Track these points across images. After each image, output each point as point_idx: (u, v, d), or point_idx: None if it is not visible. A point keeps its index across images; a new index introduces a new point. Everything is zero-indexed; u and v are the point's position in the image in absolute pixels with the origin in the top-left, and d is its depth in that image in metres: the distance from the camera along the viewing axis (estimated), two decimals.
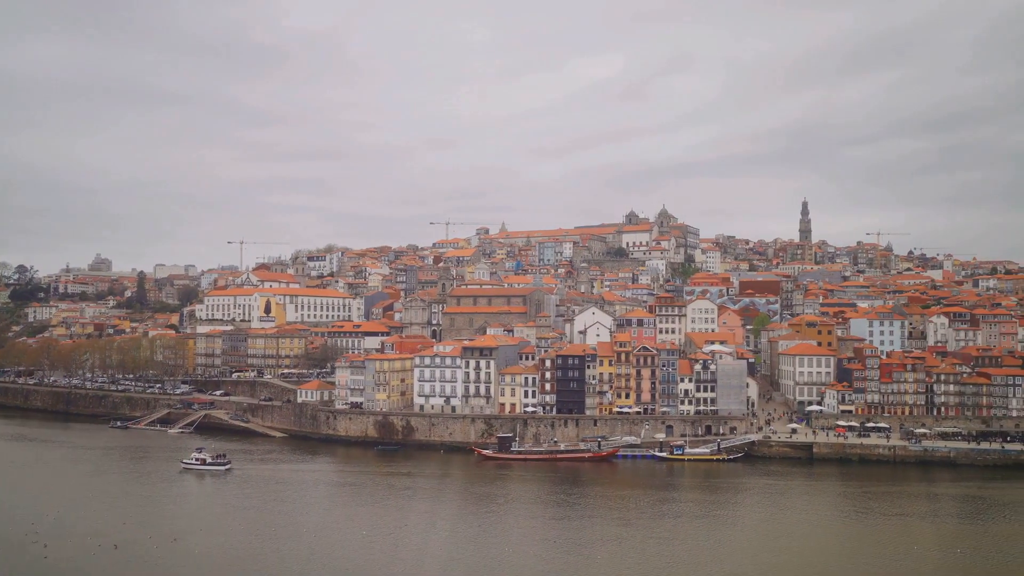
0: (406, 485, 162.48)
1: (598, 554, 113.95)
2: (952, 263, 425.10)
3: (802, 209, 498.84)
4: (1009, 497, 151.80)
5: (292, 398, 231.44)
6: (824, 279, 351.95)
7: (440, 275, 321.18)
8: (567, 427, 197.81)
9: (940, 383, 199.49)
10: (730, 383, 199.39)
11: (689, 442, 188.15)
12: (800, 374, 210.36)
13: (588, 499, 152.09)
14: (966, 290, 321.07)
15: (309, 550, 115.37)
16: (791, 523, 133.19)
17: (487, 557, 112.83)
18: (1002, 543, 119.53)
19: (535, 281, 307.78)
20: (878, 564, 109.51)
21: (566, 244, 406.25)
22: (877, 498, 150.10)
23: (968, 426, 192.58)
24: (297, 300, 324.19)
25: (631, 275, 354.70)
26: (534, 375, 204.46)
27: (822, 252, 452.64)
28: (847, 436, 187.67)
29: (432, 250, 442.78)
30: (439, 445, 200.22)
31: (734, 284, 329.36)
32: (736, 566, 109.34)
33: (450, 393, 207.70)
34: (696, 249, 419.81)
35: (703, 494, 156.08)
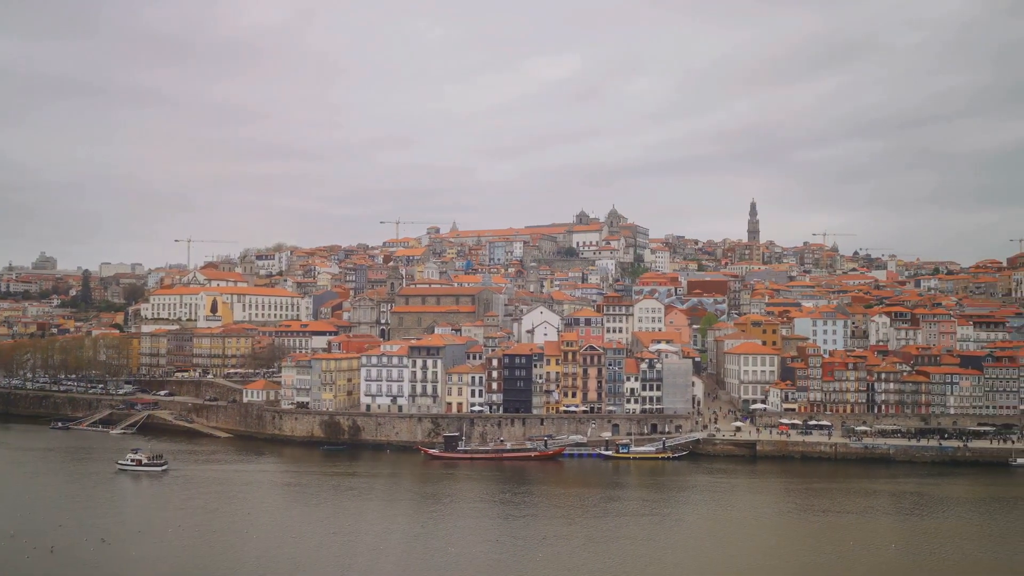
0: (351, 485, 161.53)
1: (541, 553, 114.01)
2: (896, 263, 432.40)
3: (751, 210, 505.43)
4: (944, 493, 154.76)
5: (238, 398, 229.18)
6: (771, 279, 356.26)
7: (389, 274, 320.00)
8: (514, 426, 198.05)
9: (880, 382, 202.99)
10: (676, 382, 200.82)
11: (635, 441, 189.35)
12: (745, 373, 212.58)
13: (534, 498, 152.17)
14: (908, 290, 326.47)
15: (246, 551, 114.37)
16: (733, 520, 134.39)
17: (429, 557, 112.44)
18: (934, 539, 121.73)
19: (484, 281, 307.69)
20: (814, 560, 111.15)
21: (516, 244, 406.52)
22: (818, 495, 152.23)
23: (907, 424, 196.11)
24: (245, 299, 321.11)
25: (581, 275, 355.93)
26: (481, 374, 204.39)
27: (770, 252, 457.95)
28: (790, 434, 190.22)
29: (382, 249, 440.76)
30: (386, 445, 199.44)
31: (682, 284, 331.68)
32: (678, 563, 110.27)
33: (397, 393, 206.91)
34: (646, 249, 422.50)
35: (648, 492, 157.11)
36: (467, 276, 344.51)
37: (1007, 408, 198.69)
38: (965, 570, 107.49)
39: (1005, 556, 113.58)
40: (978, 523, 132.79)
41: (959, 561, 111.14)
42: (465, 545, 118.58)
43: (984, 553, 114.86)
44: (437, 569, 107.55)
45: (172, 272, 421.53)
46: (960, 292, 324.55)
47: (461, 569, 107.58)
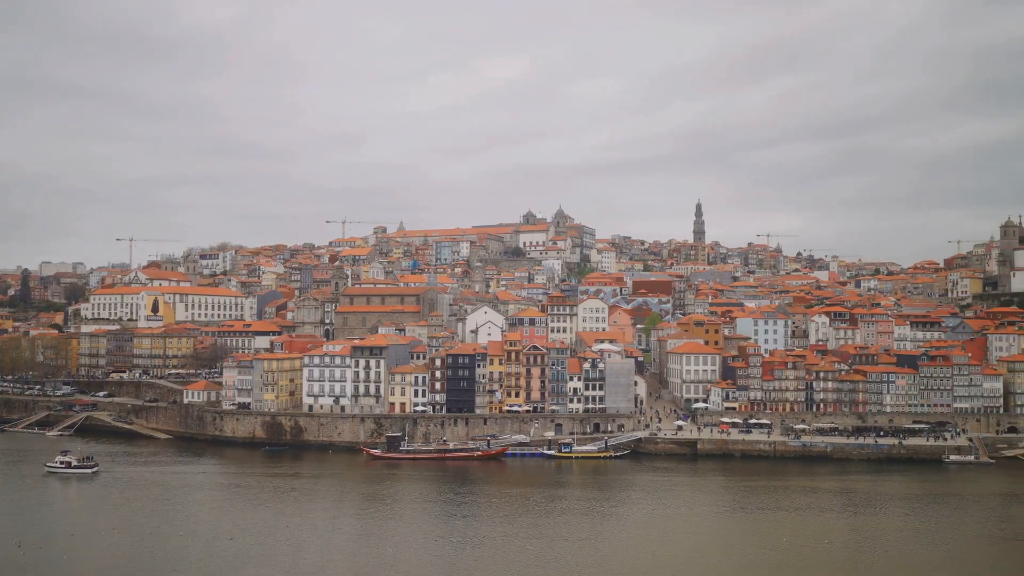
0: (292, 486, 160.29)
1: (478, 552, 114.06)
2: (838, 264, 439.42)
3: (696, 211, 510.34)
4: (880, 490, 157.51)
5: (178, 399, 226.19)
6: (715, 279, 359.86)
7: (334, 274, 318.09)
8: (457, 426, 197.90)
9: (819, 380, 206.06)
10: (618, 381, 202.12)
11: (577, 440, 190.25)
12: (687, 372, 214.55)
13: (475, 498, 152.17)
14: (849, 291, 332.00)
15: (183, 554, 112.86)
16: (672, 518, 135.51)
17: (366, 557, 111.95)
18: (868, 535, 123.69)
19: (430, 280, 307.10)
20: (747, 557, 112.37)
21: (463, 243, 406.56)
22: (756, 493, 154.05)
23: (845, 422, 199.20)
24: (187, 299, 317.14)
25: (527, 275, 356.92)
26: (424, 374, 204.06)
27: (715, 253, 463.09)
28: (730, 433, 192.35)
29: (329, 249, 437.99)
30: (328, 445, 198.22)
31: (628, 284, 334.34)
32: (617, 561, 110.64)
33: (339, 393, 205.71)
34: (592, 249, 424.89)
35: (589, 491, 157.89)
36: (413, 276, 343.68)
37: (941, 406, 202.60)
38: (898, 565, 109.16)
39: (937, 551, 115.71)
40: (911, 519, 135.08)
41: (892, 556, 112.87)
42: (403, 545, 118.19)
43: (917, 548, 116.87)
44: (372, 569, 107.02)
45: (114, 272, 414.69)
46: (898, 292, 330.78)
47: (397, 569, 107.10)
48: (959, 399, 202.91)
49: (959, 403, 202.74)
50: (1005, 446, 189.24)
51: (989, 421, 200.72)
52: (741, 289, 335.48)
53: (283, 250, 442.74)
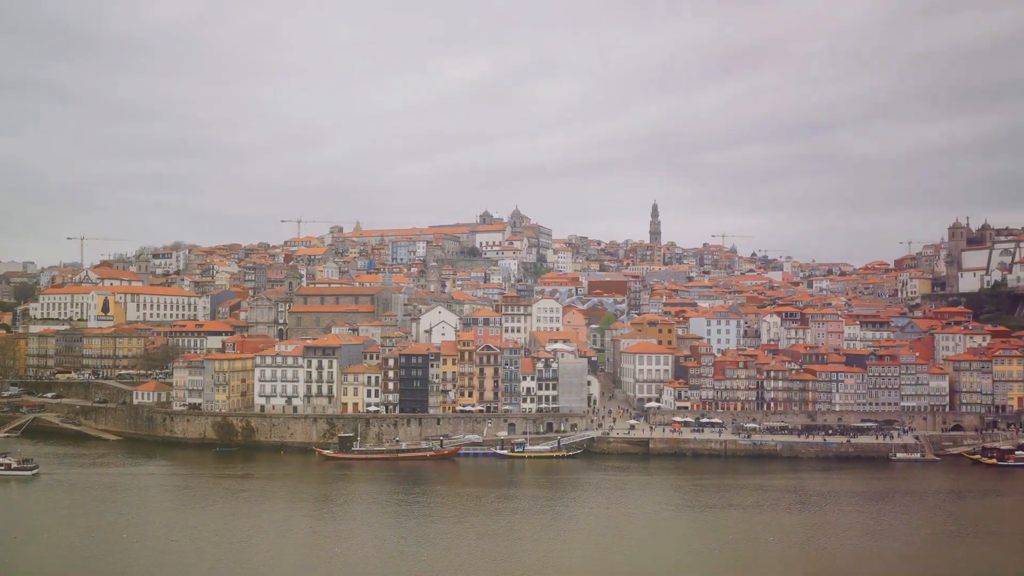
0: (243, 487, 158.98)
1: (427, 552, 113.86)
2: (791, 265, 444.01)
3: (652, 211, 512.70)
4: (827, 487, 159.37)
5: (128, 400, 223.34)
6: (670, 279, 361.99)
7: (287, 274, 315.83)
8: (410, 426, 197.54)
9: (770, 380, 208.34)
10: (571, 381, 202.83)
11: (530, 440, 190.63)
12: (640, 372, 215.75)
13: (428, 498, 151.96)
14: (801, 291, 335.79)
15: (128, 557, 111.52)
16: (624, 516, 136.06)
17: (316, 557, 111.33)
18: (815, 532, 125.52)
19: (385, 280, 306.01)
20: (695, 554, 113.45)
21: (420, 243, 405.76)
22: (706, 491, 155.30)
23: (795, 420, 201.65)
24: (139, 299, 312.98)
25: (483, 275, 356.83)
26: (377, 374, 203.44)
27: (670, 253, 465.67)
28: (682, 432, 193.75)
29: (284, 248, 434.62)
30: (280, 446, 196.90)
31: (583, 284, 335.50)
32: (567, 559, 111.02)
33: (292, 393, 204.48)
34: (548, 249, 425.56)
35: (541, 491, 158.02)
36: (369, 276, 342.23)
37: (889, 405, 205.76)
38: (843, 561, 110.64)
39: (882, 548, 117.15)
40: (858, 516, 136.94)
41: (837, 553, 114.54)
42: (352, 545, 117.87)
43: (862, 545, 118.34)
44: (320, 569, 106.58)
45: (65, 271, 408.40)
46: (850, 293, 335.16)
47: (346, 569, 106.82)
48: (906, 398, 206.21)
49: (906, 402, 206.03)
50: (950, 444, 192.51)
51: (935, 419, 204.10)
52: (696, 289, 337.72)
53: (238, 250, 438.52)
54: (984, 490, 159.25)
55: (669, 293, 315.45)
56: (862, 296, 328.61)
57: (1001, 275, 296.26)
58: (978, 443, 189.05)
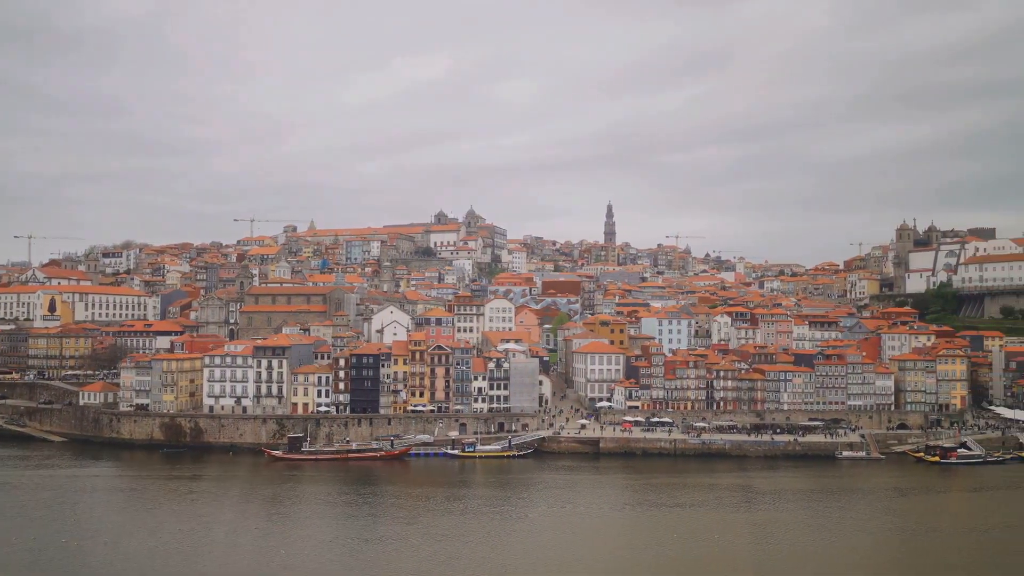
0: (190, 489, 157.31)
1: (376, 552, 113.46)
2: (744, 266, 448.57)
3: (607, 212, 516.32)
4: (774, 486, 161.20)
5: (74, 400, 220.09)
6: (624, 280, 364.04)
7: (239, 273, 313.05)
8: (361, 426, 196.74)
9: (719, 379, 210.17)
10: (522, 381, 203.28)
11: (481, 439, 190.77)
12: (592, 372, 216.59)
13: (377, 498, 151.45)
14: (752, 291, 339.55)
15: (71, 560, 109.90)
16: (572, 516, 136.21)
17: (262, 558, 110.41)
18: (760, 529, 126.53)
19: (338, 280, 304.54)
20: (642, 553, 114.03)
21: (374, 243, 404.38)
22: (655, 490, 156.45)
23: (744, 419, 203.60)
24: (87, 298, 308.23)
25: (437, 275, 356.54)
26: (328, 374, 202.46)
27: (625, 254, 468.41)
28: (633, 431, 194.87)
29: (236, 248, 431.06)
30: (229, 447, 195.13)
31: (537, 284, 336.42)
32: (514, 559, 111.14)
33: (241, 393, 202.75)
34: (503, 249, 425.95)
35: (491, 491, 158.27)
36: (322, 275, 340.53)
37: (835, 404, 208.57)
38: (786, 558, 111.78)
39: (826, 544, 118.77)
40: (803, 513, 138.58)
41: (782, 549, 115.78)
42: (299, 546, 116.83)
43: (806, 542, 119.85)
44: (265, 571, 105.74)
45: (12, 270, 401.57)
46: (800, 293, 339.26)
47: (291, 570, 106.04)
48: (853, 397, 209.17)
49: (853, 400, 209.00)
50: (895, 442, 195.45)
51: (881, 418, 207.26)
52: (649, 290, 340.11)
53: (189, 249, 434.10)
54: (927, 487, 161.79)
55: (622, 293, 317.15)
56: (812, 297, 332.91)
57: (947, 276, 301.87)
58: (922, 441, 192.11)
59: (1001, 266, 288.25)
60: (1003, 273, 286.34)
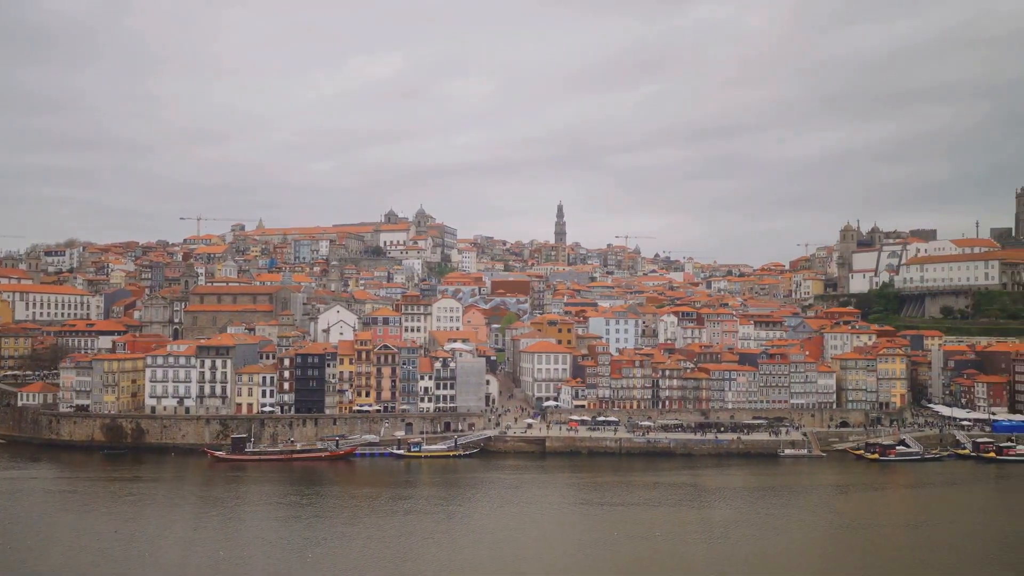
0: (131, 491, 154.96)
1: (317, 553, 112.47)
2: (693, 266, 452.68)
3: (557, 212, 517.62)
4: (717, 483, 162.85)
5: (13, 401, 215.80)
6: (573, 280, 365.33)
7: (184, 272, 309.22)
8: (306, 426, 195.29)
9: (665, 378, 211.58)
10: (469, 380, 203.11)
11: (427, 439, 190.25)
12: (539, 371, 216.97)
13: (321, 499, 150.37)
14: (700, 291, 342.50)
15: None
16: (516, 515, 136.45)
17: (198, 561, 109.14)
18: (699, 526, 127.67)
19: (284, 279, 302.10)
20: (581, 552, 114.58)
21: (323, 242, 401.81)
22: (600, 489, 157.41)
23: (689, 418, 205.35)
24: (28, 297, 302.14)
25: (387, 274, 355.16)
26: (272, 374, 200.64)
27: (575, 254, 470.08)
28: (578, 430, 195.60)
29: (183, 246, 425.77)
30: (171, 448, 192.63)
31: (487, 284, 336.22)
32: (457, 558, 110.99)
33: (184, 394, 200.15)
34: (453, 249, 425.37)
35: (436, 490, 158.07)
36: (270, 275, 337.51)
37: (778, 402, 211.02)
38: (723, 554, 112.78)
39: (764, 541, 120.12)
40: (744, 511, 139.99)
41: (719, 546, 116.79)
42: (238, 548, 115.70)
43: (745, 539, 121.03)
44: (201, 573, 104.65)
45: None
46: (746, 293, 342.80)
47: (228, 572, 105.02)
48: (795, 395, 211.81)
49: (795, 399, 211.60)
50: (836, 440, 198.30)
51: (823, 416, 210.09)
52: (598, 289, 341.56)
53: (135, 247, 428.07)
54: (866, 484, 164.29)
55: (571, 293, 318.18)
56: (758, 297, 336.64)
57: (889, 276, 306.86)
58: (862, 439, 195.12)
59: (941, 267, 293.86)
60: (943, 274, 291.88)
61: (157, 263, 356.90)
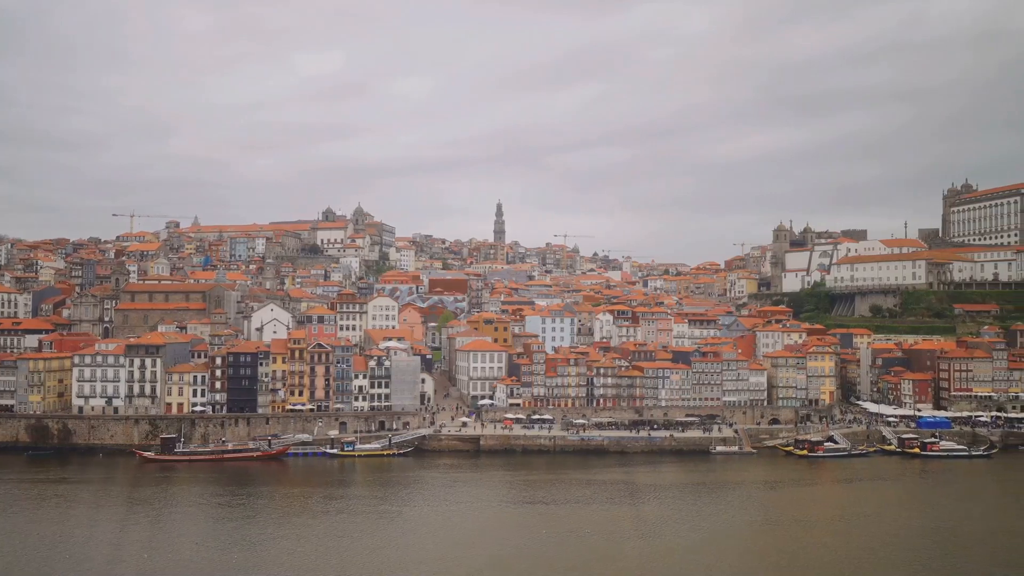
0: (57, 492, 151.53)
1: (244, 555, 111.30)
2: (631, 265, 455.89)
3: (497, 211, 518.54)
4: (649, 481, 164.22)
5: None
6: (511, 278, 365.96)
7: (115, 270, 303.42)
8: (238, 426, 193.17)
9: (600, 376, 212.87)
10: (404, 379, 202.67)
11: (361, 438, 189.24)
12: (475, 369, 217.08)
13: (253, 499, 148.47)
14: (636, 290, 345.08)
15: None
16: (450, 514, 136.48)
17: (123, 563, 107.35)
18: (629, 523, 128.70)
19: (218, 277, 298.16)
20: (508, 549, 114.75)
21: (260, 240, 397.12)
22: (533, 487, 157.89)
23: (623, 416, 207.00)
24: None
25: (324, 272, 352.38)
26: (204, 373, 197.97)
27: (514, 252, 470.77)
28: (513, 428, 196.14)
29: (116, 243, 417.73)
30: (99, 448, 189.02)
31: (424, 282, 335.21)
32: (388, 558, 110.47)
33: (113, 393, 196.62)
34: (391, 247, 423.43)
35: (369, 489, 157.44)
36: (205, 272, 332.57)
37: (711, 400, 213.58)
38: (651, 550, 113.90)
39: (691, 537, 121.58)
40: (674, 508, 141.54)
41: (648, 542, 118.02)
42: (163, 550, 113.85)
43: (673, 535, 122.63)
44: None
45: None
46: (682, 292, 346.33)
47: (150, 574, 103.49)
48: (728, 393, 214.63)
49: (728, 397, 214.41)
50: (767, 436, 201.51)
51: (755, 413, 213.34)
52: (535, 288, 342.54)
53: (65, 244, 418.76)
54: (794, 480, 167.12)
55: (509, 292, 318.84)
56: (694, 295, 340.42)
57: (820, 276, 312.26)
58: (792, 436, 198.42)
59: (871, 266, 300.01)
60: (872, 273, 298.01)
61: (88, 260, 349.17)
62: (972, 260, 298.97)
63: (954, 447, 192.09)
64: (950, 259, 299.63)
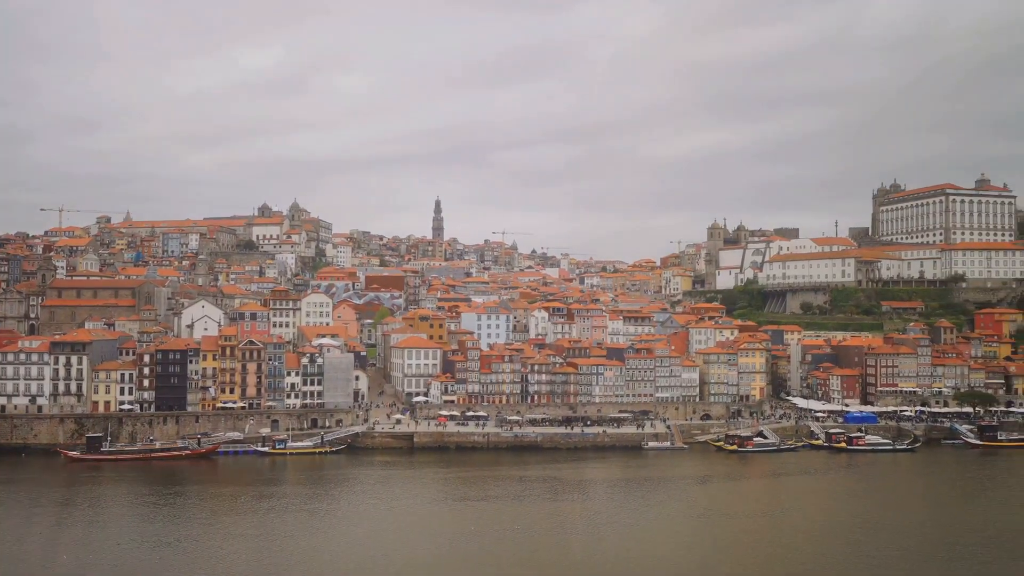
0: None
1: (167, 554, 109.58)
2: (569, 262, 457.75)
3: (435, 208, 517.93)
4: (582, 476, 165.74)
5: None
6: (449, 275, 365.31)
7: (40, 265, 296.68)
8: (167, 424, 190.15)
9: (534, 373, 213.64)
10: (337, 376, 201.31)
11: (293, 436, 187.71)
12: (409, 366, 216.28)
13: (179, 498, 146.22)
14: (573, 287, 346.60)
15: None
16: (381, 511, 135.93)
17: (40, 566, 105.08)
18: (559, 518, 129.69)
19: (149, 273, 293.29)
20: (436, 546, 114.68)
21: (193, 235, 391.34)
22: (466, 483, 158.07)
23: (557, 412, 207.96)
24: None
25: (259, 268, 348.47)
26: (132, 371, 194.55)
27: (452, 249, 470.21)
28: (447, 425, 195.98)
29: (44, 239, 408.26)
30: (22, 448, 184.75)
31: (360, 279, 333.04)
32: (317, 556, 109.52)
33: (36, 392, 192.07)
34: (328, 244, 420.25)
35: (299, 487, 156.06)
36: (135, 269, 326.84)
37: (644, 396, 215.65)
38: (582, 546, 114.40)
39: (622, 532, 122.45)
40: (605, 503, 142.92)
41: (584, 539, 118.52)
42: (84, 551, 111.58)
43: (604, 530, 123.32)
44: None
45: None
46: (618, 289, 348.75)
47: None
48: (661, 389, 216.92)
49: (661, 392, 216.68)
50: (699, 432, 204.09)
51: (687, 409, 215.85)
52: (473, 285, 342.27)
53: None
54: (724, 475, 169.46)
55: (446, 288, 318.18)
56: (629, 292, 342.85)
57: (753, 273, 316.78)
58: (723, 431, 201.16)
59: (802, 264, 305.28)
60: (803, 271, 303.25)
61: (15, 256, 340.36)
62: (899, 258, 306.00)
63: (879, 441, 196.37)
64: (878, 257, 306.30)
